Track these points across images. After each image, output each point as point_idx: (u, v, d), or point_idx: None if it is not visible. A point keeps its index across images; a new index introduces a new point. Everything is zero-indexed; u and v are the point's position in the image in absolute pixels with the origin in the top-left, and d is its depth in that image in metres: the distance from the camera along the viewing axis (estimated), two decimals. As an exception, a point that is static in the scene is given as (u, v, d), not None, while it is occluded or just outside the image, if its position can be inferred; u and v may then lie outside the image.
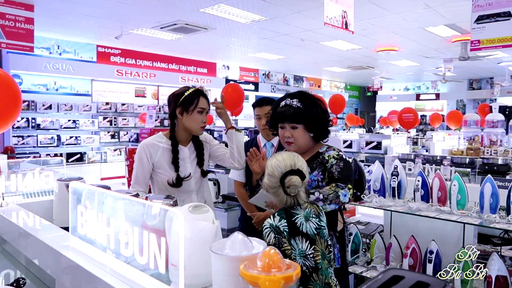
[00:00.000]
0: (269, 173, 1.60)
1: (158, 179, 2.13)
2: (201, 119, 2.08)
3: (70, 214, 1.32)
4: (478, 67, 12.78)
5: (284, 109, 1.98)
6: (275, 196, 1.61)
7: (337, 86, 17.49)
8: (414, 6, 6.49)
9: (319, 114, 1.97)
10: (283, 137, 2.01)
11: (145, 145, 2.12)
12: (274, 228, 1.54)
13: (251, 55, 11.25)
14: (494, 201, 2.29)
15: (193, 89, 2.08)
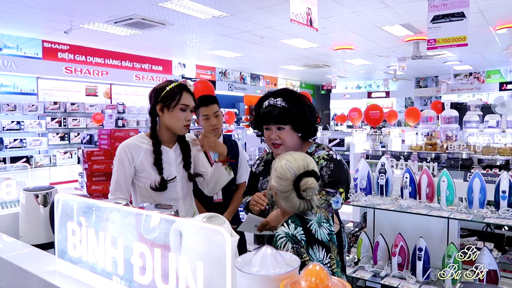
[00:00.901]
0: (278, 175, 1.46)
1: (140, 184, 1.91)
2: (184, 117, 1.86)
3: (57, 233, 1.10)
4: (425, 66, 13.40)
5: (268, 110, 1.83)
6: (285, 201, 1.47)
7: (293, 84, 17.66)
8: (373, 5, 6.60)
9: (306, 112, 1.84)
10: (269, 139, 1.87)
11: (126, 147, 1.89)
12: (291, 238, 1.40)
13: (208, 53, 11.00)
14: (482, 196, 2.30)
15: (175, 83, 1.86)
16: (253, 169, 2.08)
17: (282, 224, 1.46)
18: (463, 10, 6.08)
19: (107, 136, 4.81)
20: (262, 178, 1.96)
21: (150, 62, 11.34)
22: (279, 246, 1.39)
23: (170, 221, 1.06)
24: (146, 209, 1.31)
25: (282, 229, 1.43)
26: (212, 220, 1.14)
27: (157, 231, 0.99)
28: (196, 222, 1.02)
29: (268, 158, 2.04)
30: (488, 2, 6.54)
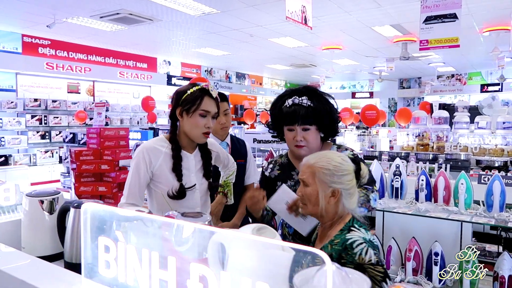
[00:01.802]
0: (343, 173, 1.37)
1: (157, 190, 1.76)
2: (203, 124, 1.71)
3: (85, 248, 0.95)
4: (409, 67, 13.54)
5: (293, 109, 1.72)
6: (350, 198, 1.38)
7: (278, 84, 17.59)
8: (367, 4, 6.56)
9: (332, 111, 1.76)
10: (292, 140, 1.76)
11: (145, 150, 1.73)
12: (370, 243, 1.30)
13: (194, 50, 10.79)
14: (502, 199, 2.24)
15: (197, 86, 1.72)
16: (266, 173, 1.95)
17: (349, 230, 1.36)
18: (456, 11, 6.11)
19: (96, 135, 4.60)
20: (281, 183, 1.83)
21: (135, 59, 11.05)
22: (359, 253, 1.29)
23: (219, 235, 0.93)
24: (177, 218, 1.17)
25: (358, 234, 1.33)
26: (262, 232, 1.01)
27: (211, 248, 0.86)
28: (261, 237, 0.89)
29: (283, 161, 1.91)
30: (477, 4, 6.59)
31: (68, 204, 1.44)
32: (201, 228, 0.96)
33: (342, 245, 1.33)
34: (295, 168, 1.84)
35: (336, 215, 1.42)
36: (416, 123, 7.64)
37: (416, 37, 8.82)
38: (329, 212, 1.42)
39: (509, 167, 4.13)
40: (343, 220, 1.41)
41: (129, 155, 3.92)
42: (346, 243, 1.32)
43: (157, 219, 0.84)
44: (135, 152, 1.76)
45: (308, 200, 1.43)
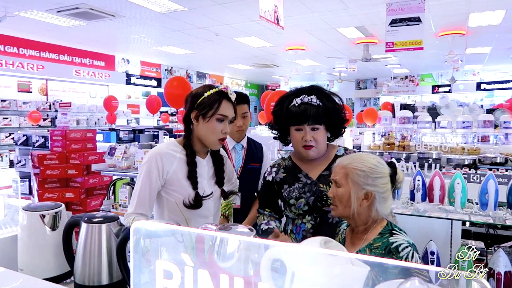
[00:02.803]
0: (377, 175, 1.32)
1: (170, 198, 1.62)
2: (220, 129, 1.61)
3: (135, 275, 0.81)
4: (367, 69, 13.97)
5: (303, 108, 1.65)
6: (384, 202, 1.34)
7: (238, 83, 17.51)
8: (335, 5, 6.65)
9: (340, 110, 1.72)
10: (300, 141, 1.69)
11: (158, 155, 1.59)
12: (413, 247, 1.28)
13: (155, 48, 10.45)
14: (495, 197, 2.30)
15: (215, 89, 1.62)
16: (269, 177, 1.85)
17: (391, 233, 1.32)
18: (419, 15, 6.33)
19: (61, 137, 4.28)
20: (288, 186, 1.76)
21: (92, 57, 10.50)
22: (405, 256, 1.26)
23: (276, 250, 0.83)
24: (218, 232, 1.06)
25: (403, 238, 1.29)
26: (328, 246, 0.92)
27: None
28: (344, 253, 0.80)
29: (287, 163, 1.83)
30: (435, 9, 6.88)
31: (77, 218, 1.27)
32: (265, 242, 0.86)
33: (386, 248, 1.30)
34: (301, 170, 1.77)
35: (370, 219, 1.38)
36: (379, 122, 7.86)
37: (377, 39, 9.10)
38: (361, 215, 1.38)
39: (477, 165, 4.33)
40: (380, 223, 1.37)
41: (103, 158, 3.67)
42: (391, 246, 1.29)
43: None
44: (146, 157, 1.61)
45: (340, 201, 1.39)
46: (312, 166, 1.75)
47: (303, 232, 1.69)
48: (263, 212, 1.86)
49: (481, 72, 14.10)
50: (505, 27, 8.05)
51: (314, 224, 1.67)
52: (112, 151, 3.52)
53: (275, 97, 3.76)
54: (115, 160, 3.44)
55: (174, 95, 3.55)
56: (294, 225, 1.73)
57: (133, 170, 3.43)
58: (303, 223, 1.70)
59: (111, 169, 3.51)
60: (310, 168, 1.75)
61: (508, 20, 7.47)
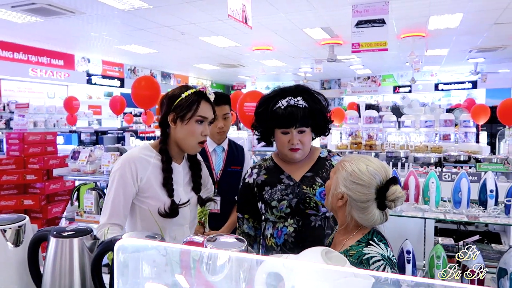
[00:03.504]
0: (357, 181, 1.25)
1: (143, 206, 1.51)
2: (199, 131, 1.52)
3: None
4: (331, 69, 14.19)
5: (290, 110, 1.58)
6: (361, 212, 1.26)
7: (204, 84, 17.30)
8: (302, 6, 6.67)
9: (324, 110, 1.66)
10: (286, 143, 1.62)
11: (131, 160, 1.48)
12: (388, 261, 1.20)
13: (117, 47, 10.11)
14: (468, 196, 2.35)
15: (192, 90, 1.52)
16: (249, 179, 1.76)
17: (368, 243, 1.24)
18: (384, 17, 6.47)
19: (18, 140, 4.01)
20: (270, 187, 1.69)
21: (49, 55, 10.01)
22: (375, 270, 1.17)
23: (273, 263, 0.77)
24: (207, 245, 0.97)
25: (375, 250, 1.21)
26: (330, 257, 0.86)
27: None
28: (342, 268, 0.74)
29: (268, 164, 1.75)
30: (399, 12, 7.06)
31: (44, 232, 1.15)
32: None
33: (358, 258, 1.24)
34: (283, 171, 1.71)
35: (345, 222, 1.33)
36: (346, 122, 7.99)
37: (342, 40, 9.24)
38: (339, 215, 1.35)
39: (443, 163, 4.46)
40: (362, 231, 1.31)
41: (65, 162, 3.46)
42: (363, 257, 1.23)
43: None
44: (118, 163, 1.49)
45: (327, 192, 1.38)
46: (295, 167, 1.69)
47: (284, 236, 1.62)
48: (242, 217, 1.79)
49: (439, 73, 14.70)
50: (462, 30, 8.40)
51: (296, 227, 1.61)
52: (76, 155, 3.33)
53: (247, 98, 3.70)
54: (79, 164, 3.25)
55: (142, 95, 3.40)
56: (275, 228, 1.66)
57: (99, 174, 3.26)
58: (285, 226, 1.63)
59: (75, 173, 3.32)
60: (293, 169, 1.69)
61: (465, 23, 7.80)
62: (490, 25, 8.07)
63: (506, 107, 5.59)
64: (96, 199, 3.22)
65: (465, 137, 6.62)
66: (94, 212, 3.20)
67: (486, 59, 12.21)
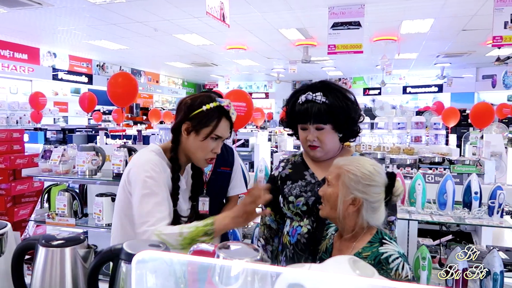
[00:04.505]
0: (369, 183, 1.24)
1: None
2: (211, 148, 1.44)
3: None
4: (303, 70, 14.29)
5: (306, 106, 1.54)
6: (373, 212, 1.26)
7: (175, 82, 17.01)
8: (279, 6, 6.65)
9: (350, 108, 1.56)
10: (305, 140, 1.58)
11: (154, 163, 1.39)
12: (404, 257, 1.22)
13: (86, 42, 9.74)
14: (452, 197, 2.38)
15: (216, 104, 1.41)
16: (275, 172, 1.75)
17: (382, 243, 1.25)
18: (359, 19, 6.56)
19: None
20: (291, 182, 1.65)
21: (12, 49, 9.50)
22: (395, 268, 1.19)
23: (295, 274, 0.71)
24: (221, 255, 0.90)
25: (393, 248, 1.23)
26: (358, 266, 0.81)
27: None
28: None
29: (296, 160, 1.73)
30: (373, 15, 7.17)
31: (31, 241, 1.04)
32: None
33: (375, 259, 1.24)
34: (308, 168, 1.66)
35: (356, 226, 1.31)
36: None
37: (316, 41, 9.31)
38: (347, 220, 1.32)
39: (418, 164, 4.55)
40: (370, 231, 1.31)
41: (35, 161, 3.26)
42: (381, 257, 1.24)
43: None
44: (141, 168, 1.37)
45: (327, 201, 1.33)
46: (320, 166, 1.64)
47: (298, 236, 1.58)
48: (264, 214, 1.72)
49: (407, 76, 15.12)
50: (432, 35, 8.66)
51: (310, 229, 1.57)
52: (47, 154, 3.13)
53: (231, 96, 3.61)
54: (51, 164, 3.06)
55: (119, 93, 3.25)
56: (291, 227, 1.62)
57: (73, 175, 3.08)
58: (300, 226, 1.59)
59: (45, 174, 3.12)
60: (318, 168, 1.64)
61: (435, 28, 8.04)
62: (458, 31, 8.36)
63: (478, 111, 5.79)
64: (69, 201, 3.06)
65: (436, 139, 6.82)
66: (67, 215, 3.03)
67: (452, 64, 12.68)
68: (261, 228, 1.80)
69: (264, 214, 1.71)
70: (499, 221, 2.24)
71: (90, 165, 2.95)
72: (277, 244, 1.75)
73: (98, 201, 2.86)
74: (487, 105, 6.21)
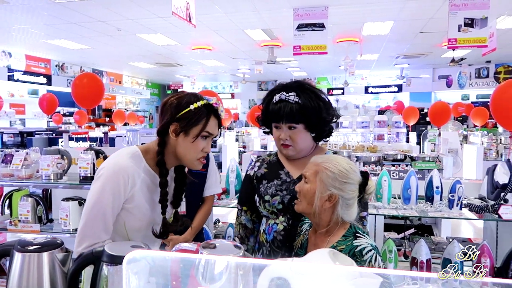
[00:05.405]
0: (345, 180, 1.31)
1: (123, 219, 1.36)
2: (201, 147, 1.39)
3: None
4: (268, 71, 14.42)
5: (279, 106, 1.58)
6: (347, 209, 1.33)
7: (139, 82, 16.67)
8: (244, 7, 6.68)
9: (322, 108, 1.60)
10: (278, 139, 1.63)
11: (123, 170, 1.32)
12: (376, 250, 1.28)
13: (44, 41, 9.36)
14: (416, 192, 2.50)
15: (203, 102, 1.37)
16: (250, 171, 1.78)
17: (356, 236, 1.31)
18: (323, 21, 6.71)
19: None
20: (267, 181, 1.68)
21: (-37, 48, 8.99)
22: (369, 260, 1.26)
23: (277, 268, 0.75)
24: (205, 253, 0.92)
25: (366, 241, 1.29)
26: (337, 258, 0.85)
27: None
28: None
29: (271, 159, 1.76)
30: (336, 17, 7.36)
31: (6, 247, 1.01)
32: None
33: (350, 251, 1.31)
34: (283, 167, 1.70)
35: (331, 221, 1.37)
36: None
37: (281, 42, 9.42)
38: (322, 216, 1.37)
39: (382, 161, 4.72)
40: (343, 226, 1.37)
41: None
42: (355, 250, 1.30)
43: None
44: (108, 172, 1.32)
45: (304, 197, 1.38)
46: (295, 165, 1.68)
47: (274, 233, 1.62)
48: (241, 209, 1.78)
49: (369, 76, 15.59)
50: (391, 37, 8.99)
51: (286, 226, 1.60)
52: (8, 158, 3.00)
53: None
54: (13, 169, 2.94)
55: (84, 94, 3.16)
56: (267, 225, 1.65)
57: (36, 179, 2.98)
58: (276, 223, 1.63)
59: (6, 179, 3.00)
60: (293, 166, 1.68)
61: (395, 30, 8.36)
62: (416, 34, 8.72)
63: (436, 110, 6.06)
64: (33, 207, 2.96)
65: (397, 137, 7.09)
66: (31, 221, 2.93)
67: (410, 64, 13.21)
68: (236, 228, 1.82)
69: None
70: (458, 213, 2.38)
71: (55, 168, 2.86)
72: (252, 243, 1.78)
73: (64, 205, 2.78)
74: (444, 104, 6.54)
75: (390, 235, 3.26)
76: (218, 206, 2.83)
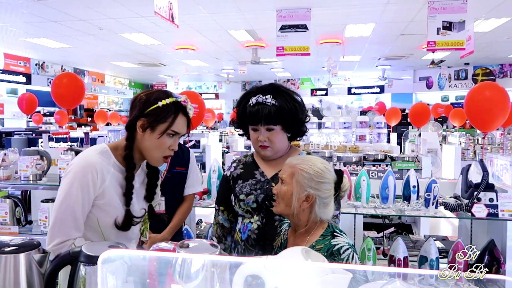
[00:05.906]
0: (321, 180, 1.35)
1: (92, 217, 1.36)
2: (168, 145, 1.39)
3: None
4: (252, 71, 14.45)
5: (256, 109, 1.62)
6: (324, 208, 1.36)
7: (121, 82, 16.48)
8: (228, 7, 6.69)
9: (298, 110, 1.67)
10: (256, 140, 1.67)
11: (93, 167, 1.32)
12: (353, 248, 1.33)
13: (23, 40, 9.18)
14: (393, 192, 2.56)
15: (172, 99, 1.37)
16: (227, 172, 1.82)
17: (333, 235, 1.35)
18: (306, 23, 6.77)
19: None
20: (242, 181, 1.73)
21: None
22: (346, 258, 1.30)
23: (252, 265, 0.78)
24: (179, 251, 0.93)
25: (343, 240, 1.33)
26: (309, 255, 0.88)
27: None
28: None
29: (247, 160, 1.80)
30: (319, 19, 7.44)
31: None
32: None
33: (328, 250, 1.34)
34: (258, 167, 1.74)
35: (309, 221, 1.41)
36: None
37: (265, 43, 9.46)
38: (301, 216, 1.41)
39: (363, 161, 4.80)
40: (321, 225, 1.40)
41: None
42: (333, 248, 1.34)
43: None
44: (77, 168, 1.32)
45: (282, 198, 1.41)
46: (270, 165, 1.73)
47: (248, 232, 1.65)
48: (218, 208, 1.83)
49: (351, 77, 15.78)
50: (373, 39, 9.13)
51: (260, 225, 1.64)
52: (-15, 159, 2.95)
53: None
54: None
55: (64, 94, 3.12)
56: (242, 224, 1.69)
57: (14, 180, 2.94)
58: (250, 222, 1.66)
59: (-16, 180, 2.94)
60: (268, 166, 1.73)
61: (376, 32, 8.49)
62: (397, 36, 8.88)
63: (416, 111, 6.18)
64: (11, 209, 2.92)
65: (378, 137, 7.21)
66: (10, 223, 2.89)
67: (391, 66, 13.43)
68: (214, 227, 1.85)
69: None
70: (434, 212, 2.44)
71: (34, 169, 2.82)
72: (229, 242, 1.81)
73: (43, 207, 2.75)
74: (424, 105, 6.68)
75: (370, 234, 3.32)
76: (200, 206, 2.84)
